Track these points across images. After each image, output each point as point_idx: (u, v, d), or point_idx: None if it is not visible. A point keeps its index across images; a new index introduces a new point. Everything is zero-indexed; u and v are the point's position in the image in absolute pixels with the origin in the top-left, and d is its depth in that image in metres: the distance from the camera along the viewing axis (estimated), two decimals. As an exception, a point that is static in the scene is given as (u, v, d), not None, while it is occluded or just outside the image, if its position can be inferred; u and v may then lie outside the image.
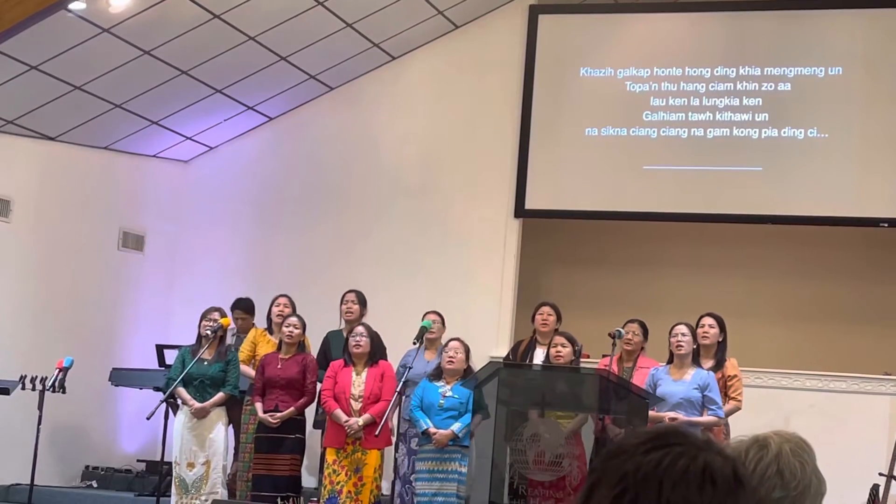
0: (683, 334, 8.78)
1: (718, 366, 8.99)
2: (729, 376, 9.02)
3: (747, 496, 1.68)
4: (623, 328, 9.38)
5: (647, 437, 1.70)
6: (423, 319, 9.79)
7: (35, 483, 9.49)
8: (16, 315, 11.22)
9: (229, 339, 10.02)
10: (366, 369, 9.25)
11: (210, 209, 12.71)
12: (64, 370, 9.63)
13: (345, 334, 9.80)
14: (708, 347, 9.05)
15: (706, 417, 8.60)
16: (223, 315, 9.68)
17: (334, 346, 9.98)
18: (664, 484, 1.63)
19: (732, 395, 8.98)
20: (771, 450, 2.30)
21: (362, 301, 10.22)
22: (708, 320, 9.14)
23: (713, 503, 1.64)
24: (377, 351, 9.33)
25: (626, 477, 1.65)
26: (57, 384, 9.58)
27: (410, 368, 9.40)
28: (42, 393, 9.47)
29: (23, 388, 9.61)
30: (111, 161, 12.18)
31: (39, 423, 9.28)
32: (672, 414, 8.51)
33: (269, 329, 10.25)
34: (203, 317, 9.62)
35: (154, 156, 12.62)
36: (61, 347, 10.62)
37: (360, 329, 9.36)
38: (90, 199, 11.95)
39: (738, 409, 9.00)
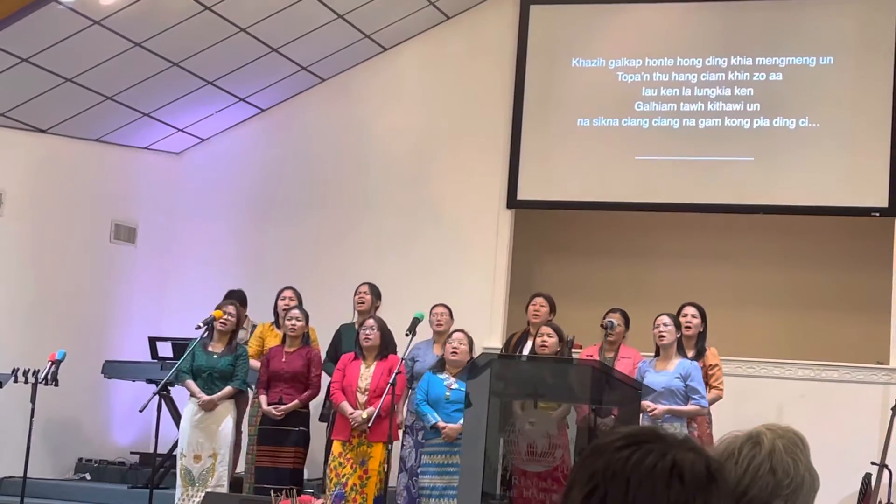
0: (665, 325, 8.83)
1: (699, 355, 9.06)
2: (710, 365, 9.09)
3: (720, 492, 1.69)
4: (605, 317, 9.42)
5: (620, 436, 1.72)
6: (418, 311, 9.81)
7: (28, 476, 9.48)
8: (8, 308, 11.21)
9: (241, 334, 10.01)
10: (375, 363, 9.24)
11: (202, 201, 12.69)
12: (56, 363, 9.63)
13: (357, 326, 9.81)
14: (689, 337, 9.10)
15: (689, 407, 8.64)
16: (240, 310, 9.68)
17: (346, 338, 9.99)
18: (631, 481, 1.65)
19: (714, 385, 9.04)
20: (764, 447, 2.30)
21: (375, 293, 10.24)
22: (690, 310, 9.19)
23: (680, 500, 1.65)
24: (388, 345, 9.32)
25: (595, 475, 1.67)
26: (49, 377, 9.57)
27: (417, 360, 9.44)
28: (35, 386, 9.46)
29: (15, 381, 9.60)
30: (103, 153, 12.16)
31: (32, 416, 9.27)
32: (645, 403, 8.53)
33: (277, 322, 10.24)
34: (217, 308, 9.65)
35: (145, 148, 12.61)
36: (53, 340, 10.60)
37: (370, 322, 9.37)
38: (82, 191, 11.93)
39: (720, 397, 9.09)
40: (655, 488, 1.65)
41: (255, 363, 9.82)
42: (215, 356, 9.44)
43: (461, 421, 8.87)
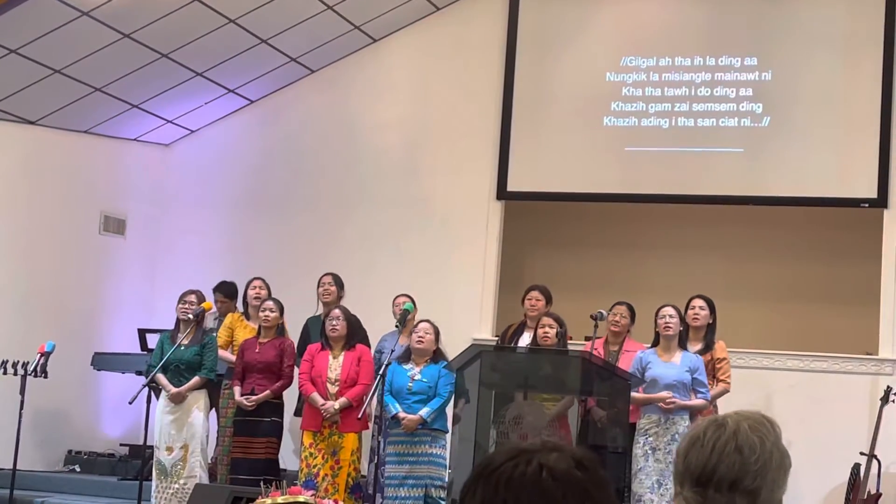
0: (671, 316, 8.77)
1: (707, 348, 8.99)
2: (718, 359, 9.03)
3: (593, 478, 1.80)
4: (611, 310, 9.39)
5: (499, 458, 1.83)
6: (393, 302, 9.82)
7: (17, 468, 9.48)
8: (-3, 300, 11.20)
9: (210, 323, 10.00)
10: (343, 353, 9.26)
11: (191, 192, 12.67)
12: (46, 355, 9.63)
13: (322, 318, 9.80)
14: (697, 329, 9.05)
15: (696, 401, 8.62)
16: (201, 298, 9.65)
17: (314, 331, 9.97)
18: (508, 498, 1.76)
19: (721, 378, 8.99)
20: (728, 427, 2.32)
21: (339, 283, 10.22)
22: (698, 302, 9.13)
23: (557, 496, 1.75)
24: (354, 334, 9.34)
25: None
26: (39, 369, 9.57)
27: (383, 352, 9.42)
28: (24, 378, 9.46)
29: (4, 373, 9.60)
30: (92, 145, 12.13)
31: (22, 408, 9.27)
32: (666, 394, 8.52)
33: (246, 313, 10.23)
34: (179, 300, 9.61)
35: (135, 139, 12.58)
36: (43, 332, 10.59)
37: (336, 312, 9.37)
38: (71, 183, 11.91)
39: (727, 391, 9.01)
40: (531, 494, 1.75)
41: (225, 353, 9.80)
42: (182, 347, 9.41)
43: (421, 412, 8.88)
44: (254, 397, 9.37)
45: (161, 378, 9.33)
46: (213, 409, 9.82)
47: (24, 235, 11.45)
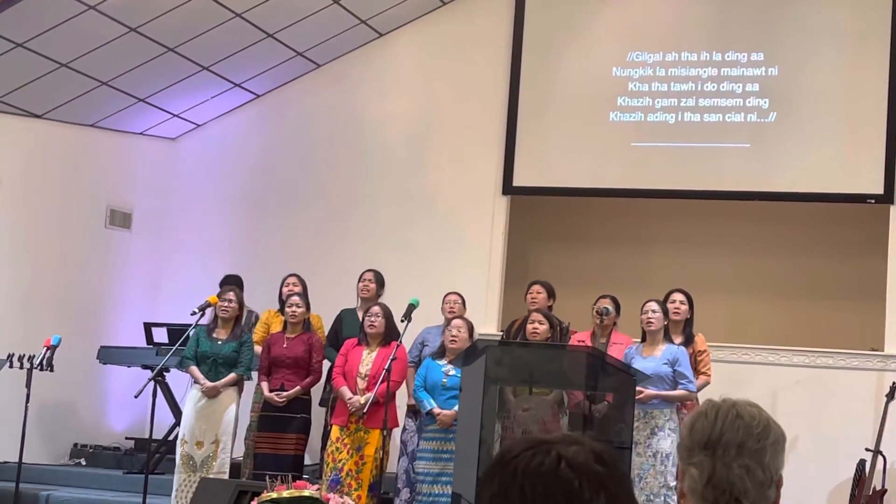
0: (654, 311, 8.84)
1: (688, 341, 9.07)
2: (698, 351, 9.11)
3: (612, 473, 1.81)
4: (595, 303, 9.43)
5: (517, 448, 1.84)
6: (444, 300, 9.84)
7: (23, 461, 9.49)
8: (3, 294, 11.20)
9: (244, 320, 10.00)
10: (377, 349, 9.26)
11: (197, 186, 12.68)
12: (52, 348, 9.63)
13: (359, 313, 9.81)
14: (677, 323, 9.14)
15: (677, 392, 8.66)
16: (238, 295, 9.67)
17: (346, 323, 9.98)
18: (525, 487, 1.78)
19: (702, 370, 9.06)
20: (727, 402, 2.51)
21: (380, 281, 10.24)
22: (678, 296, 9.24)
23: (573, 487, 1.77)
24: (391, 331, 9.34)
25: (493, 497, 1.81)
26: (45, 362, 9.57)
27: (426, 345, 9.45)
28: (30, 371, 9.46)
29: (10, 367, 9.60)
30: (98, 139, 12.14)
31: (27, 402, 9.28)
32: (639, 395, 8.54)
33: (281, 309, 10.22)
34: (218, 297, 9.63)
35: (141, 133, 12.59)
36: (49, 326, 10.60)
37: (376, 309, 9.38)
38: (77, 176, 11.92)
39: (708, 383, 9.09)
40: (547, 485, 1.77)
41: (260, 350, 9.81)
42: (220, 342, 9.42)
43: (456, 407, 8.88)
44: (284, 393, 9.37)
45: (195, 371, 9.35)
46: None
47: (29, 229, 11.47)
